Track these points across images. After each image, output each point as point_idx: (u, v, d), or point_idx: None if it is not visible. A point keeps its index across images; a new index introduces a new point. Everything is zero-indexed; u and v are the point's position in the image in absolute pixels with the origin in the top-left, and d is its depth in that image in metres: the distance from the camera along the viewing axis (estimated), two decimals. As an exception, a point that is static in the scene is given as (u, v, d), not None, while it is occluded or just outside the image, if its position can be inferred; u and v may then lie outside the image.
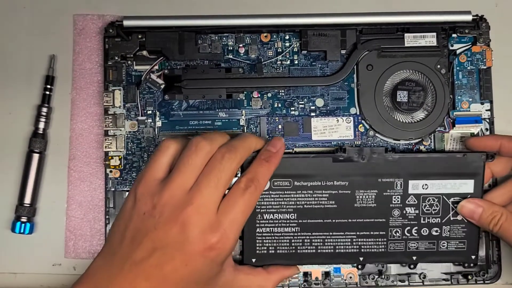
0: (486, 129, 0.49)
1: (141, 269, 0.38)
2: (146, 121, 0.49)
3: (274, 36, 0.50)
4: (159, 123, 0.49)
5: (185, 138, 0.43)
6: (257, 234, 0.47)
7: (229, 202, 0.40)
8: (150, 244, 0.38)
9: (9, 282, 0.50)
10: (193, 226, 0.38)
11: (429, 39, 0.49)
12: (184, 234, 0.38)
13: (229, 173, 0.40)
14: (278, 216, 0.46)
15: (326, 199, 0.47)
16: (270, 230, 0.47)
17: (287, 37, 0.50)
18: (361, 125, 0.50)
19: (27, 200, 0.49)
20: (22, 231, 0.49)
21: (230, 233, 0.39)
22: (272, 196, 0.46)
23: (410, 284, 0.49)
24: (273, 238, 0.47)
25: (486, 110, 0.50)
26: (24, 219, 0.49)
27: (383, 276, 0.48)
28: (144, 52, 0.49)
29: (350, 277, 0.48)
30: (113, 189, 0.49)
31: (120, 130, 0.49)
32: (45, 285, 0.50)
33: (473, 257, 0.47)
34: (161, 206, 0.39)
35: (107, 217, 0.49)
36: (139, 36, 0.49)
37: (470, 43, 0.50)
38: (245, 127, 0.49)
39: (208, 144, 0.40)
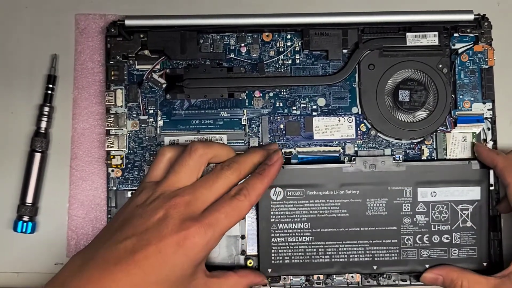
0: (488, 129, 0.49)
1: (115, 253, 0.38)
2: (147, 120, 0.49)
3: (276, 36, 0.50)
4: (160, 123, 0.49)
5: (183, 146, 0.44)
6: (272, 244, 0.47)
7: (216, 205, 0.41)
8: (131, 230, 0.39)
9: (11, 281, 0.50)
10: (176, 213, 0.39)
11: (431, 39, 0.49)
12: (165, 221, 0.39)
13: (226, 181, 0.42)
14: (292, 226, 0.47)
15: (338, 208, 0.47)
16: (285, 239, 0.47)
17: (288, 37, 0.50)
18: (362, 124, 0.50)
19: (29, 199, 0.49)
20: (24, 230, 0.49)
21: (208, 229, 0.39)
22: (286, 205, 0.47)
23: (412, 283, 0.48)
24: (288, 247, 0.47)
25: (488, 110, 0.49)
26: (26, 218, 0.49)
27: (384, 276, 0.48)
28: (146, 52, 0.49)
29: (352, 277, 0.48)
30: (114, 188, 0.49)
31: (122, 129, 0.49)
32: (47, 284, 0.50)
33: (484, 264, 0.48)
34: (153, 198, 0.41)
35: (109, 216, 0.49)
36: (141, 36, 0.49)
37: (472, 42, 0.50)
38: (246, 127, 0.49)
39: (202, 148, 0.42)
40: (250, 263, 0.48)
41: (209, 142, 0.44)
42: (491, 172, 0.48)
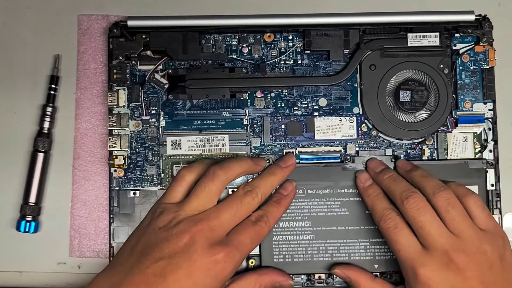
0: (489, 129, 0.49)
1: (144, 278, 0.38)
2: (150, 120, 0.50)
3: (278, 36, 0.50)
4: (163, 123, 0.49)
5: (202, 164, 0.45)
6: (273, 242, 0.48)
7: (239, 229, 0.42)
8: (159, 254, 0.39)
9: (14, 280, 0.50)
10: (204, 238, 0.40)
11: (432, 39, 0.49)
12: (194, 246, 0.39)
13: (249, 207, 0.43)
14: (293, 224, 0.48)
15: (338, 206, 0.48)
16: (286, 238, 0.48)
17: (290, 37, 0.50)
18: (364, 124, 0.50)
19: (32, 199, 0.50)
20: (27, 230, 0.49)
21: (236, 253, 0.41)
22: None
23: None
24: (289, 246, 0.48)
25: (489, 110, 0.50)
26: (29, 218, 0.50)
27: (386, 275, 0.48)
28: (148, 52, 0.50)
29: (353, 276, 0.49)
30: (117, 188, 0.49)
31: (124, 129, 0.49)
32: (50, 283, 0.51)
33: None
34: (177, 221, 0.41)
35: (111, 216, 0.49)
36: (143, 36, 0.49)
37: (473, 42, 0.50)
38: (248, 127, 0.50)
39: (224, 174, 0.43)
40: (252, 262, 0.48)
41: (228, 164, 0.44)
42: (491, 171, 0.48)
